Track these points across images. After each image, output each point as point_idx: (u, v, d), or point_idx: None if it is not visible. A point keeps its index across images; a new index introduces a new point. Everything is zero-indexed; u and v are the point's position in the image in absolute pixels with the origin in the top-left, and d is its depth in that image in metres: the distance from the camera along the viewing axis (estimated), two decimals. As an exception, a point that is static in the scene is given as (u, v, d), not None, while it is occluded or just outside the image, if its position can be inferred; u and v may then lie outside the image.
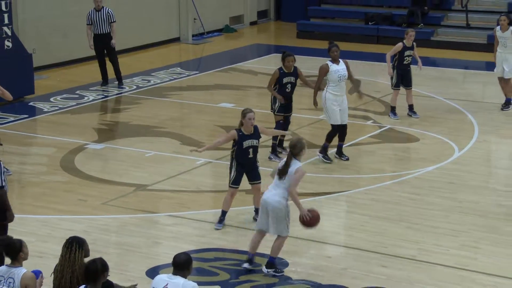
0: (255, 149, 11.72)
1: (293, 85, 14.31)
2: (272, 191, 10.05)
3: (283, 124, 14.40)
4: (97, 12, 18.85)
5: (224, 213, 11.82)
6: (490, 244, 11.24)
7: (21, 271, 7.84)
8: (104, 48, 19.03)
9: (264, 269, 10.17)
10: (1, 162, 9.70)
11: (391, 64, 16.51)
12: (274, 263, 10.16)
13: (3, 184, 9.66)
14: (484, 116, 16.94)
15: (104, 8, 18.87)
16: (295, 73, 14.27)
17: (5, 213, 9.69)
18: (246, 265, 10.38)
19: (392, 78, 16.58)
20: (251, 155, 11.68)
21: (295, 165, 9.97)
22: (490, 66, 17.59)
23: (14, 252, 7.95)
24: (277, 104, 14.24)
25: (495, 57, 17.25)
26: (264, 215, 10.14)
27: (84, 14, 19.20)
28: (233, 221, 12.08)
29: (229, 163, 11.86)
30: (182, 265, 7.69)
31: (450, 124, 16.51)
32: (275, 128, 14.20)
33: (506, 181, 13.91)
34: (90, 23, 18.93)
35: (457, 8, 23.79)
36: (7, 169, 13.83)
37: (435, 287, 10.01)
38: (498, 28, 17.22)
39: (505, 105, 17.22)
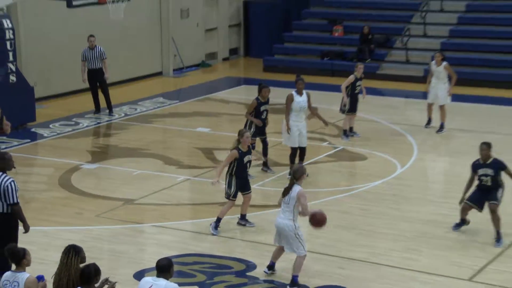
0: (250, 162, 11.89)
1: (267, 112, 14.37)
2: (281, 216, 9.90)
3: (263, 146, 14.54)
4: (90, 50, 18.80)
5: (219, 220, 11.81)
6: (429, 247, 11.35)
7: (24, 276, 7.82)
8: (97, 81, 18.97)
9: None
10: (15, 182, 9.63)
11: (344, 93, 16.59)
12: (297, 281, 9.89)
13: (18, 200, 9.59)
14: (422, 138, 17.06)
15: (97, 46, 18.83)
16: (269, 102, 14.36)
17: (16, 225, 9.66)
18: (265, 269, 10.26)
19: (345, 105, 16.65)
20: (248, 168, 11.85)
21: (296, 188, 9.86)
22: (426, 95, 17.71)
23: (18, 259, 7.93)
24: (252, 130, 14.21)
25: (429, 86, 17.37)
26: (278, 236, 10.02)
27: (79, 52, 19.13)
28: (208, 229, 12.06)
29: (225, 181, 11.79)
30: (164, 268, 7.68)
31: (393, 145, 16.58)
32: None
33: (441, 194, 14.07)
34: (85, 59, 18.87)
35: (398, 47, 23.99)
36: None
37: (383, 285, 10.08)
38: (433, 63, 17.36)
39: (440, 128, 17.36)
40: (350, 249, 11.19)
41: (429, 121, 17.59)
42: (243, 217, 12.07)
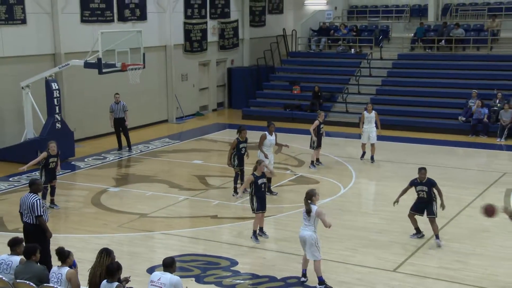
0: (265, 184, 11.62)
1: (246, 149, 14.29)
2: (305, 228, 9.60)
3: (240, 174, 14.35)
4: (116, 104, 18.74)
5: (255, 231, 11.55)
6: (363, 247, 11.35)
7: (66, 269, 7.84)
8: (120, 127, 18.90)
9: (318, 286, 9.58)
10: (40, 200, 9.59)
11: (313, 134, 16.58)
12: (323, 280, 9.58)
13: (42, 213, 9.48)
14: (358, 167, 17.10)
15: (121, 102, 18.79)
16: (247, 141, 14.33)
17: (45, 233, 9.51)
18: (302, 278, 9.85)
19: (314, 142, 16.62)
20: (263, 189, 11.55)
21: (314, 207, 9.58)
22: (360, 136, 17.79)
23: (64, 257, 7.96)
24: (235, 162, 14.17)
25: (362, 130, 17.35)
26: (303, 245, 9.72)
27: (107, 105, 19.09)
28: (202, 235, 11.98)
29: (250, 201, 11.61)
30: (169, 264, 7.64)
31: (338, 172, 16.60)
32: (234, 177, 14.16)
33: (372, 207, 14.11)
34: (112, 111, 18.81)
35: (340, 101, 24.13)
36: (56, 205, 13.60)
37: (329, 274, 10.01)
38: (365, 112, 17.44)
39: (371, 160, 17.45)
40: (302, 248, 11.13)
41: (363, 155, 17.66)
42: (261, 229, 11.76)
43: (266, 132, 14.37)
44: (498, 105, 20.99)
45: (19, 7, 18.35)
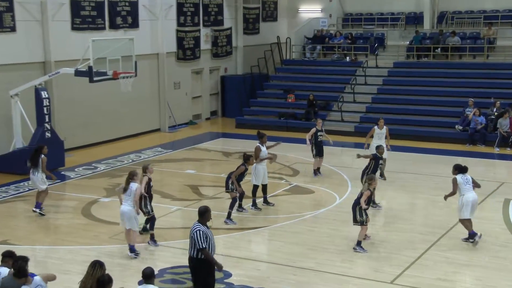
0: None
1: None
2: (125, 204, 10.48)
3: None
4: None
5: (359, 242, 11.58)
6: (359, 258, 11.27)
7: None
8: None
9: (129, 254, 10.16)
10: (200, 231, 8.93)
11: (309, 142, 16.59)
12: (133, 249, 9.63)
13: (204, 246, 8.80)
14: (353, 176, 16.97)
15: None
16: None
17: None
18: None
19: (312, 150, 16.67)
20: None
21: (134, 185, 11.26)
22: (358, 145, 17.75)
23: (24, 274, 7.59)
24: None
25: (367, 142, 16.56)
26: (122, 218, 10.84)
27: (98, 115, 18.96)
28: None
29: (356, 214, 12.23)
30: (149, 276, 7.88)
31: (334, 181, 16.54)
32: (239, 196, 13.73)
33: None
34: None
35: (335, 109, 24.14)
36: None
37: (326, 286, 9.89)
38: (376, 127, 16.45)
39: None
40: (301, 260, 11.08)
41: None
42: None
43: (259, 144, 14.28)
44: (496, 113, 20.96)
45: (9, 15, 18.30)
